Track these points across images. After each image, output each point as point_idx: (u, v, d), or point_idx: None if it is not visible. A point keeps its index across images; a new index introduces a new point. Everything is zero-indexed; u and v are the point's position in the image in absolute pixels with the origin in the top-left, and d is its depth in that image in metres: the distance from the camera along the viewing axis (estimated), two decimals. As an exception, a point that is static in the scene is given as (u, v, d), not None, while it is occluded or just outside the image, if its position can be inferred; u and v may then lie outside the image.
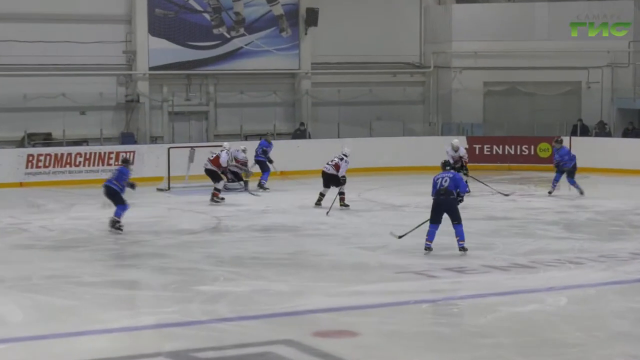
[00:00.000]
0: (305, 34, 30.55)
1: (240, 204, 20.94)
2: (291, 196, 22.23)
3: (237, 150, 23.10)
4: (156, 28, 28.98)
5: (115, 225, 16.77)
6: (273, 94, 30.46)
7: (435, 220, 14.33)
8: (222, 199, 21.23)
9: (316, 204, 19.97)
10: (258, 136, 26.34)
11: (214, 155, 21.79)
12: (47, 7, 27.64)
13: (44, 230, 17.38)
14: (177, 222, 18.62)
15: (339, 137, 27.99)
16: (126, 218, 18.00)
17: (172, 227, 17.73)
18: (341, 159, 19.92)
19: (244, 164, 23.22)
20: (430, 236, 14.29)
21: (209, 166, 21.68)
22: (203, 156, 22.63)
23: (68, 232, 17.13)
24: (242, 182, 23.25)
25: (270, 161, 23.94)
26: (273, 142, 24.74)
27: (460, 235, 14.28)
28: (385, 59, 31.39)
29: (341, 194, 19.78)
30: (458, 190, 14.34)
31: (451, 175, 14.45)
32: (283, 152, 24.48)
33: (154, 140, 28.77)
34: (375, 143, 28.71)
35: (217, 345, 9.59)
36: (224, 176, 22.16)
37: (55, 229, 17.49)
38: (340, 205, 19.65)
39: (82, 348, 9.63)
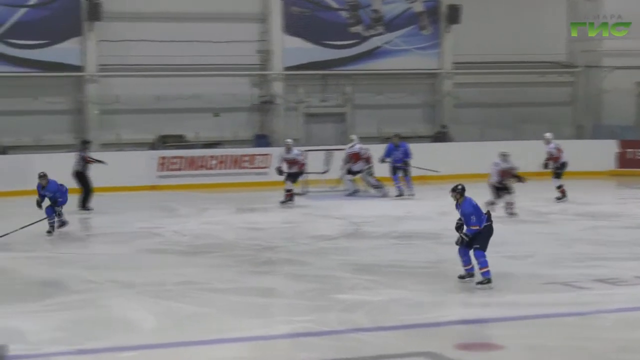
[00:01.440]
0: (447, 31, 30.01)
1: (379, 209, 20.54)
2: (432, 202, 21.56)
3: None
4: (291, 27, 28.83)
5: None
6: (412, 94, 29.91)
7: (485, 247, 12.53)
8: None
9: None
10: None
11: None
12: (180, 6, 27.82)
13: (176, 235, 17.27)
14: (312, 227, 18.37)
15: (482, 140, 27.21)
16: (261, 223, 17.77)
17: (307, 233, 17.50)
18: (495, 164, 18.94)
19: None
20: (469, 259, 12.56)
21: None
22: (340, 160, 22.29)
23: (200, 237, 17.00)
24: (380, 189, 22.76)
25: (406, 164, 22.83)
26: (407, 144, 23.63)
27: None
28: (529, 57, 30.46)
29: (509, 203, 18.75)
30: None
31: None
32: (423, 156, 23.76)
33: (290, 142, 28.59)
34: (521, 147, 27.66)
35: (354, 356, 9.34)
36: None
37: (187, 234, 17.37)
38: (509, 213, 18.64)
39: (214, 356, 9.57)
